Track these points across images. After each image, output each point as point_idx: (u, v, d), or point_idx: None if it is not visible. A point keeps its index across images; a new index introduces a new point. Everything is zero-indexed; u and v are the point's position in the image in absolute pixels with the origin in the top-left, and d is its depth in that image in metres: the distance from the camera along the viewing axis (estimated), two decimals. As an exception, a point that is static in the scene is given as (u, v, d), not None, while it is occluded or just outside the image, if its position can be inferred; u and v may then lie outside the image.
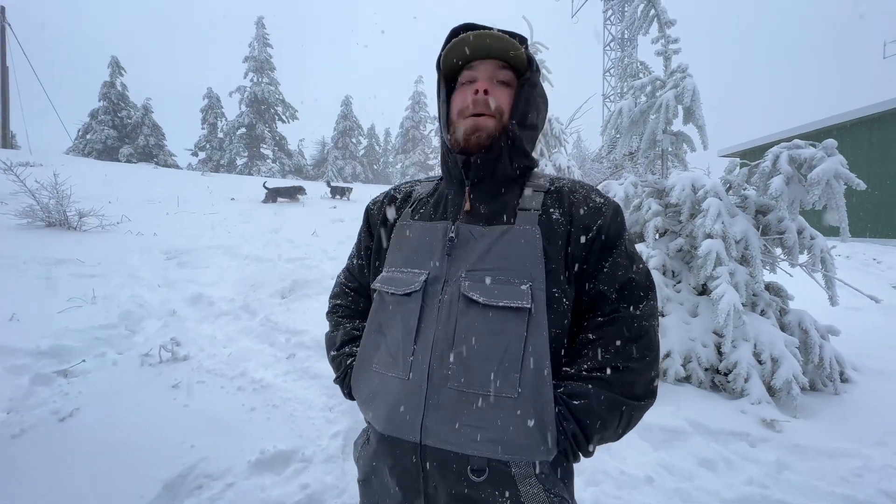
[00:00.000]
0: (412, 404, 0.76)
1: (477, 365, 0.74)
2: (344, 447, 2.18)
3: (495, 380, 0.73)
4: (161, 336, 3.15)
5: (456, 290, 0.79)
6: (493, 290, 0.76)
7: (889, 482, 2.01)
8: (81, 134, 27.40)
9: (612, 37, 23.03)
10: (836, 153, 2.73)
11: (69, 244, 4.79)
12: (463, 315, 0.77)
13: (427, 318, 0.79)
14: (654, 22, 3.71)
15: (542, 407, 0.74)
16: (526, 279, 0.76)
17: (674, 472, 2.10)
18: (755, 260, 2.82)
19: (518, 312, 0.75)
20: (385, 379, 0.82)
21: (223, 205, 9.22)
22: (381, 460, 0.84)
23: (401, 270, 0.85)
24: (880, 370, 3.08)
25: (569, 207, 0.83)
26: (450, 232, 0.83)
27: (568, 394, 0.76)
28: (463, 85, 0.88)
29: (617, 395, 0.76)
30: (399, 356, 0.80)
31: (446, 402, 0.75)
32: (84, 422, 2.19)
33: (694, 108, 3.32)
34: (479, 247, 0.80)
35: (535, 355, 0.74)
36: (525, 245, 0.78)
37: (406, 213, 0.92)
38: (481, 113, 0.83)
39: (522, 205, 0.83)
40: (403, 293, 0.82)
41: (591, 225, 0.81)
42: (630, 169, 4.96)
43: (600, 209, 0.83)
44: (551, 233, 0.80)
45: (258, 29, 29.46)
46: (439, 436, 0.75)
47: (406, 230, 0.89)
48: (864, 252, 7.39)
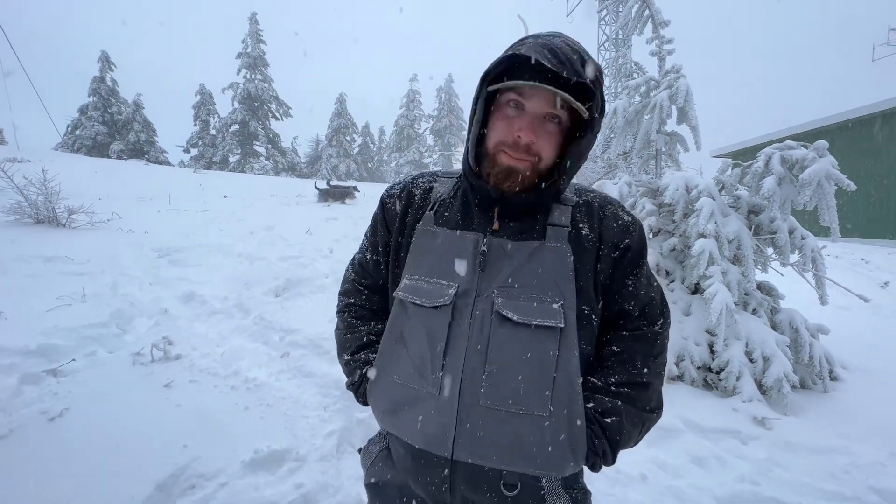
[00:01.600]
0: (443, 420, 0.76)
1: (510, 383, 0.74)
2: (339, 446, 2.17)
3: (528, 398, 0.74)
4: (153, 335, 3.11)
5: (488, 307, 0.77)
6: (527, 308, 0.76)
7: (877, 478, 2.05)
8: (70, 130, 27.01)
9: (606, 37, 23.13)
10: (827, 154, 2.76)
11: (58, 241, 4.71)
12: (496, 333, 0.76)
13: (457, 333, 0.77)
14: (649, 22, 3.73)
15: (574, 424, 0.75)
16: (557, 297, 0.76)
17: (667, 470, 2.11)
18: (747, 259, 2.85)
19: (550, 331, 0.75)
20: (410, 392, 0.80)
21: (216, 202, 9.13)
22: (405, 471, 0.84)
23: (426, 280, 0.81)
24: (868, 368, 3.13)
25: (598, 223, 0.82)
26: (482, 245, 0.80)
27: (600, 411, 0.79)
28: (505, 107, 0.77)
29: (640, 410, 0.80)
30: (427, 371, 0.78)
31: (479, 419, 0.75)
32: (74, 422, 2.16)
33: (687, 109, 3.35)
34: (511, 263, 0.79)
35: (566, 373, 0.76)
36: (556, 263, 0.78)
37: (428, 217, 0.86)
38: (519, 158, 0.77)
39: (552, 220, 0.81)
40: (431, 306, 0.79)
41: (619, 243, 0.82)
42: (624, 168, 4.99)
43: (629, 228, 0.83)
44: (581, 249, 0.80)
45: (251, 25, 29.20)
46: (472, 451, 0.75)
47: (431, 237, 0.84)
48: (852, 252, 7.50)
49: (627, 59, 5.96)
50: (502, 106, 0.78)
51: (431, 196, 0.90)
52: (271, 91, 29.63)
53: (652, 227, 3.23)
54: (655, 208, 3.29)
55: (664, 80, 3.52)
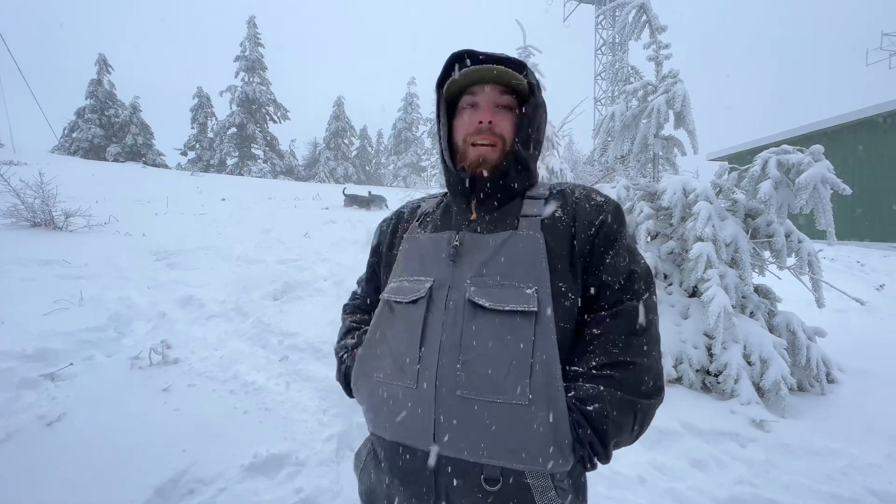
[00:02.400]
0: (423, 413, 0.76)
1: (485, 371, 0.74)
2: (338, 450, 2.17)
3: (505, 386, 0.73)
4: (151, 338, 3.10)
5: (461, 296, 0.79)
6: (499, 295, 0.77)
7: (874, 480, 2.06)
8: (67, 132, 26.90)
9: (603, 41, 23.27)
10: (822, 158, 2.79)
11: (55, 245, 4.69)
12: (469, 320, 0.77)
13: (432, 324, 0.79)
14: (646, 28, 3.76)
15: (555, 412, 0.72)
16: (531, 283, 0.78)
17: (666, 473, 2.12)
18: (745, 263, 2.87)
19: (525, 316, 0.75)
20: (391, 389, 0.81)
21: (213, 205, 9.11)
22: (389, 471, 0.83)
23: (408, 280, 0.86)
24: (865, 370, 3.15)
25: (572, 205, 0.86)
26: (454, 240, 0.85)
27: (580, 398, 0.74)
28: (464, 109, 0.90)
29: (628, 394, 0.74)
30: (405, 365, 0.79)
31: (456, 410, 0.74)
32: (72, 426, 2.15)
33: (685, 114, 3.37)
34: (484, 253, 0.82)
35: (544, 359, 0.74)
36: (528, 249, 0.80)
37: (413, 227, 0.95)
38: (486, 143, 0.86)
39: (524, 212, 0.86)
40: (409, 300, 0.83)
41: (593, 220, 0.84)
42: (622, 172, 5.02)
43: (602, 206, 0.86)
44: (555, 231, 0.83)
45: (250, 28, 29.23)
46: (451, 444, 0.74)
47: (412, 242, 0.91)
48: (848, 255, 7.55)
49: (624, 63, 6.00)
50: (462, 110, 0.90)
51: (419, 213, 0.99)
52: (269, 94, 29.63)
53: (650, 230, 3.24)
54: (653, 212, 3.31)
55: (661, 85, 3.54)
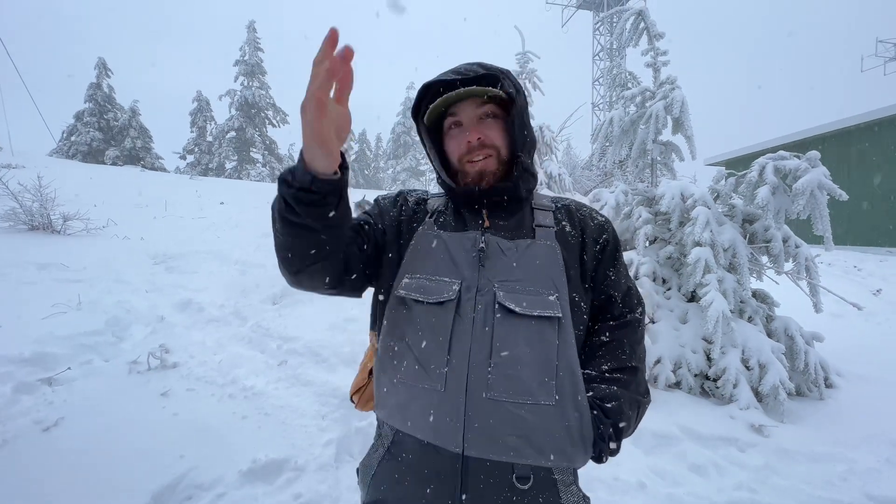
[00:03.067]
0: (451, 416, 0.75)
1: (515, 374, 0.76)
2: (337, 455, 2.16)
3: (533, 388, 0.76)
4: (149, 343, 3.09)
5: (490, 300, 0.80)
6: (527, 300, 0.80)
7: (873, 485, 2.06)
8: (66, 136, 26.87)
9: (601, 46, 23.44)
10: (819, 164, 2.81)
11: (53, 248, 4.68)
12: (500, 324, 0.78)
13: (460, 328, 0.78)
14: (644, 35, 3.79)
15: (579, 411, 0.78)
16: (552, 290, 0.81)
17: (665, 478, 2.12)
18: (743, 268, 2.88)
19: (550, 321, 0.79)
20: (415, 391, 0.79)
21: (212, 209, 9.10)
22: (414, 469, 0.80)
23: (429, 278, 0.84)
24: (862, 375, 3.16)
25: (579, 222, 0.92)
26: (479, 242, 0.85)
27: (599, 397, 0.82)
28: (450, 130, 0.91)
29: (633, 393, 0.85)
30: (430, 367, 0.78)
31: (487, 413, 0.74)
32: (69, 431, 2.14)
33: (682, 119, 3.40)
34: (509, 259, 0.84)
35: (567, 362, 0.79)
36: (548, 258, 0.84)
37: (429, 223, 0.92)
38: (481, 157, 0.88)
39: (538, 222, 0.90)
40: (435, 302, 0.81)
41: (598, 238, 0.91)
42: (620, 177, 5.05)
43: (604, 225, 0.94)
44: (567, 244, 0.88)
45: (249, 33, 29.33)
46: (483, 446, 0.74)
47: (431, 238, 0.89)
48: (845, 259, 7.58)
49: (622, 69, 6.05)
50: (447, 132, 0.92)
51: (428, 206, 0.96)
52: (269, 98, 29.68)
53: (648, 235, 3.26)
54: (651, 217, 3.32)
55: (659, 91, 3.57)
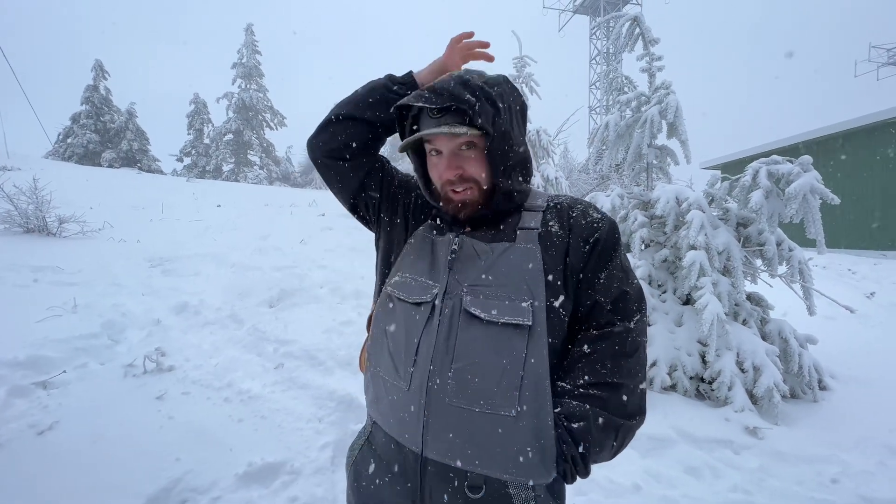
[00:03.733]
0: (413, 415, 0.77)
1: (476, 381, 0.74)
2: (333, 458, 2.16)
3: (494, 397, 0.73)
4: (145, 346, 3.08)
5: (457, 304, 0.79)
6: (495, 307, 0.77)
7: (866, 487, 2.08)
8: (62, 138, 26.77)
9: (597, 51, 23.60)
10: (811, 169, 2.84)
11: (48, 251, 4.67)
12: (464, 330, 0.77)
13: (428, 330, 0.80)
14: (640, 40, 3.83)
15: (542, 426, 0.73)
16: (527, 297, 0.77)
17: (660, 480, 2.13)
18: (737, 271, 2.91)
19: (519, 329, 0.76)
20: (388, 385, 0.83)
21: (209, 211, 9.09)
22: (383, 461, 0.84)
23: (414, 278, 0.86)
24: (856, 377, 3.19)
25: (568, 220, 0.85)
26: (452, 244, 0.85)
27: (567, 415, 0.75)
28: (430, 154, 0.88)
29: (612, 415, 0.76)
30: (401, 365, 0.81)
31: (445, 416, 0.75)
32: (64, 435, 2.13)
33: (677, 124, 3.43)
34: (482, 263, 0.82)
35: (534, 373, 0.74)
36: (525, 263, 0.80)
37: (428, 224, 0.93)
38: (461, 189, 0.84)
39: (522, 224, 0.86)
40: (413, 302, 0.83)
41: (588, 237, 0.83)
42: (616, 181, 5.08)
43: (597, 223, 0.85)
44: (551, 245, 0.82)
45: (247, 36, 29.37)
46: (438, 449, 0.75)
47: (423, 240, 0.91)
48: (839, 262, 7.64)
49: (618, 73, 6.10)
50: (428, 155, 0.88)
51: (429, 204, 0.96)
52: (266, 101, 29.69)
53: (644, 238, 3.28)
54: (647, 220, 3.35)
55: (654, 96, 3.60)
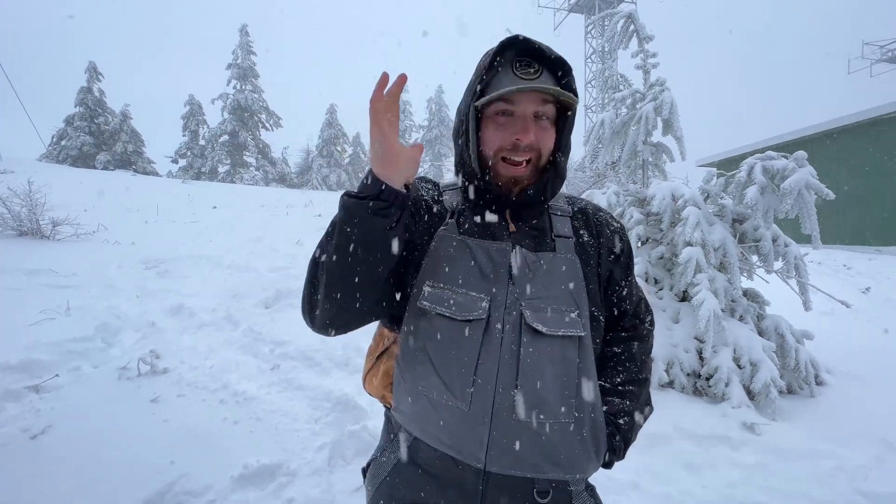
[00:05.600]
0: (474, 435, 0.74)
1: (540, 395, 0.75)
2: (330, 460, 2.14)
3: (556, 408, 0.76)
4: (139, 348, 3.06)
5: (517, 320, 0.76)
6: (551, 320, 0.78)
7: (863, 481, 2.08)
8: (56, 140, 26.59)
9: (592, 49, 23.64)
10: (806, 164, 2.85)
11: (42, 254, 4.63)
12: (528, 346, 0.76)
13: (488, 348, 0.76)
14: (634, 37, 3.83)
15: (597, 427, 0.80)
16: (573, 307, 0.80)
17: (659, 477, 2.12)
18: (733, 267, 2.91)
19: (572, 340, 0.78)
20: (437, 404, 0.77)
21: (205, 213, 9.04)
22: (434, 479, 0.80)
23: (455, 290, 0.78)
24: (852, 373, 3.19)
25: (595, 229, 0.89)
26: (510, 256, 0.80)
27: (613, 413, 0.86)
28: (497, 116, 0.79)
29: (641, 405, 0.90)
30: (456, 385, 0.75)
31: (512, 433, 0.74)
32: (57, 439, 2.11)
33: (672, 121, 3.43)
34: (535, 274, 0.80)
35: (587, 379, 0.79)
36: (569, 274, 0.82)
37: (451, 225, 0.84)
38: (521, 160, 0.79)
39: (557, 231, 0.86)
40: (462, 319, 0.77)
41: (613, 248, 0.88)
42: (612, 178, 5.09)
43: (619, 233, 0.90)
44: (585, 255, 0.85)
45: (242, 36, 29.25)
46: (505, 462, 0.75)
47: (456, 244, 0.82)
48: (834, 258, 7.68)
49: (614, 71, 6.10)
50: (492, 117, 0.79)
51: (445, 202, 0.88)
52: (262, 102, 29.58)
53: (640, 235, 3.28)
54: (643, 217, 3.34)
55: (649, 93, 3.60)
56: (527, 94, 0.77)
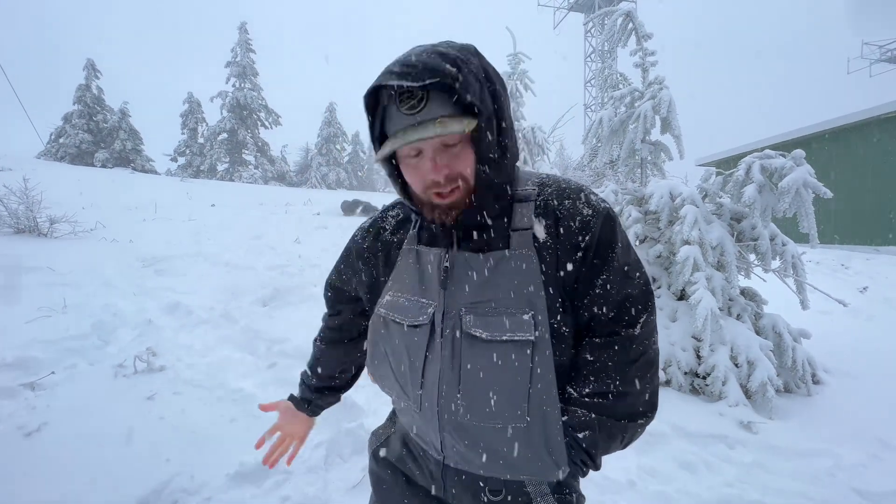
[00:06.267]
0: (428, 433, 0.81)
1: (485, 400, 0.74)
2: (326, 458, 2.14)
3: (504, 412, 0.74)
4: (136, 346, 3.05)
5: (457, 325, 0.76)
6: (496, 324, 0.73)
7: (859, 480, 2.08)
8: (54, 138, 26.52)
9: (592, 48, 23.61)
10: (804, 163, 2.85)
11: (39, 251, 4.61)
12: (468, 351, 0.75)
13: (432, 353, 0.78)
14: (633, 35, 3.82)
15: (551, 434, 0.75)
16: (527, 308, 0.73)
17: (655, 476, 2.12)
18: (731, 266, 2.91)
19: (522, 344, 0.73)
20: (398, 402, 0.88)
21: (203, 211, 9.03)
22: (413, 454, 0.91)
23: (406, 297, 0.82)
24: (849, 372, 3.20)
25: (556, 225, 0.75)
26: (444, 261, 0.78)
27: (572, 425, 0.76)
28: (407, 159, 0.73)
29: (618, 420, 0.76)
30: (408, 388, 0.81)
31: (459, 434, 0.77)
32: (52, 437, 2.10)
33: (670, 119, 3.43)
34: (477, 277, 0.76)
35: (541, 384, 0.73)
36: (522, 271, 0.74)
37: (412, 236, 0.85)
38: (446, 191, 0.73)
39: (514, 224, 0.77)
40: (409, 325, 0.79)
41: (579, 242, 0.74)
42: (611, 177, 5.08)
43: (588, 222, 0.74)
44: (545, 249, 0.75)
45: (241, 34, 29.17)
46: (456, 459, 0.80)
47: (412, 255, 0.84)
48: (832, 258, 7.69)
49: (613, 70, 6.10)
50: (404, 159, 0.74)
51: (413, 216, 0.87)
52: (261, 100, 29.52)
53: (638, 234, 3.28)
54: (641, 216, 3.34)
55: (648, 91, 3.60)
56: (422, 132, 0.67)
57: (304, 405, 1.08)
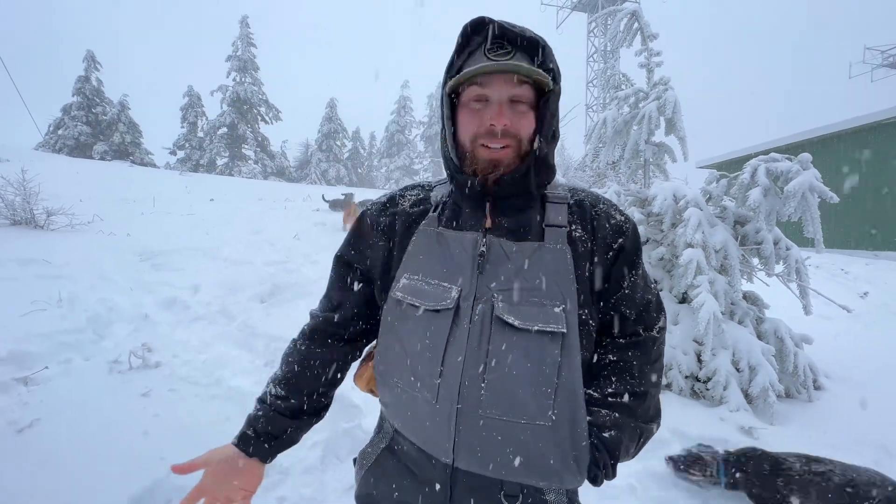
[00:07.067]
0: (442, 428, 0.73)
1: (510, 391, 0.71)
2: (323, 458, 2.11)
3: (529, 407, 0.71)
4: (132, 341, 3.01)
5: (488, 311, 0.73)
6: (528, 313, 0.72)
7: (861, 488, 2.06)
8: (53, 129, 26.39)
9: (595, 48, 23.57)
10: (810, 167, 2.82)
11: (35, 244, 4.56)
12: (496, 338, 0.72)
13: (456, 338, 0.74)
14: (638, 35, 3.79)
15: (577, 435, 0.73)
16: (559, 301, 0.73)
17: (656, 481, 2.10)
18: (734, 269, 2.88)
19: (553, 336, 0.72)
20: (410, 396, 0.77)
21: (202, 205, 8.98)
22: (409, 469, 0.81)
23: (427, 281, 0.78)
24: (850, 378, 3.18)
25: (591, 223, 0.80)
26: (480, 245, 0.77)
27: (598, 425, 0.77)
28: (471, 102, 0.76)
29: (639, 421, 0.79)
30: (424, 377, 0.75)
31: (478, 429, 0.72)
32: (45, 433, 2.06)
33: (675, 120, 3.40)
34: (512, 265, 0.75)
35: (568, 380, 0.72)
36: (556, 265, 0.75)
37: (432, 218, 0.83)
38: (499, 146, 0.75)
39: (549, 220, 0.79)
40: (432, 309, 0.75)
41: (612, 244, 0.79)
42: (613, 178, 5.06)
43: (622, 227, 0.81)
44: (576, 251, 0.77)
45: (242, 28, 29.04)
46: (472, 460, 0.73)
47: (433, 237, 0.81)
48: (832, 262, 7.69)
49: (616, 70, 6.07)
50: (467, 103, 0.77)
51: (432, 198, 0.87)
52: (261, 94, 29.40)
53: (640, 236, 3.25)
54: (644, 218, 3.32)
55: (653, 92, 3.57)
56: (500, 78, 0.74)
57: (261, 445, 0.84)
